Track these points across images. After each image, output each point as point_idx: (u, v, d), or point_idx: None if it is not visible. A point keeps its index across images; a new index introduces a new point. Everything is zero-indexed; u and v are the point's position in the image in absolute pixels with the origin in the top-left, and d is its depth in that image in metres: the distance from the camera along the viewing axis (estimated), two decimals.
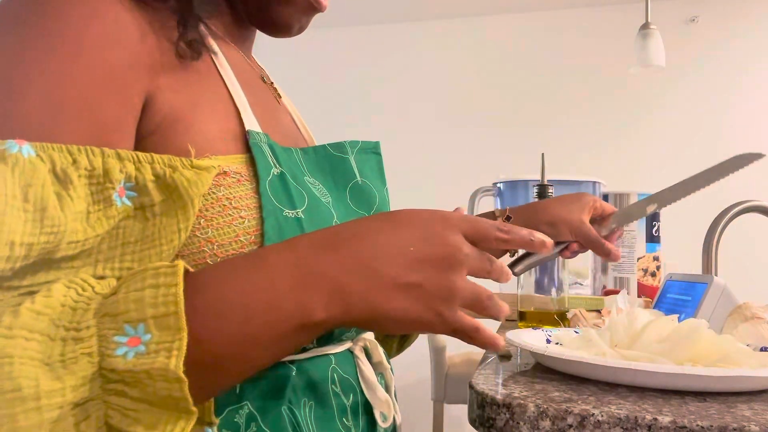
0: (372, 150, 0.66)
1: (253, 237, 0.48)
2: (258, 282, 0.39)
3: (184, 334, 0.34)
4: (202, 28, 0.55)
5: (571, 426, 0.41)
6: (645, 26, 2.10)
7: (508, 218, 0.82)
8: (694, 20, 3.14)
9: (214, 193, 0.47)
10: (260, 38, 0.69)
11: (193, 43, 0.49)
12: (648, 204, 0.79)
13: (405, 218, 0.42)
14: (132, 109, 0.45)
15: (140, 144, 0.46)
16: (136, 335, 0.34)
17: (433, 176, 3.33)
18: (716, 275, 0.97)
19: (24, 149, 0.37)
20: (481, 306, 0.42)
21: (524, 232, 0.44)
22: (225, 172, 0.48)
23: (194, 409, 0.34)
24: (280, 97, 0.69)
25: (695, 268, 1.18)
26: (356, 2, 3.26)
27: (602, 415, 0.40)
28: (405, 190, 3.18)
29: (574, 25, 3.29)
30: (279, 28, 0.63)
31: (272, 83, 0.68)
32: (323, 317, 0.39)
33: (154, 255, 0.42)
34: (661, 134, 3.15)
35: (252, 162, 0.50)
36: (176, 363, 0.34)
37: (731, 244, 1.65)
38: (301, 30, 0.65)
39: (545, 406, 0.42)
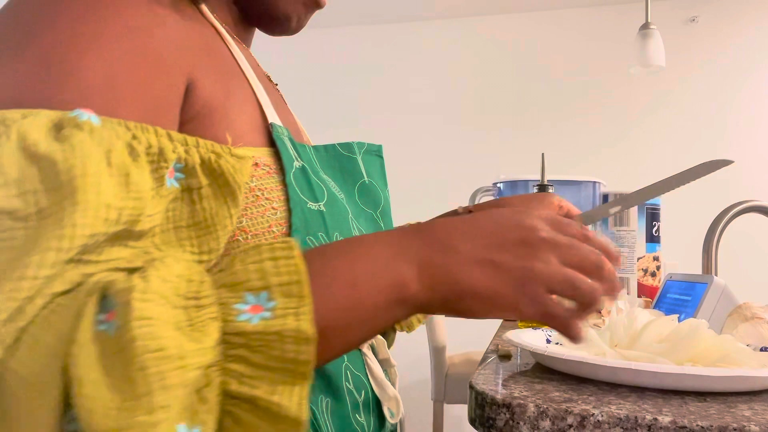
0: (376, 153, 0.67)
1: (284, 228, 0.49)
2: (359, 255, 0.41)
3: (310, 301, 0.35)
4: (216, 23, 0.55)
5: (571, 426, 0.41)
6: (645, 26, 2.10)
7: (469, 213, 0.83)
8: (694, 20, 3.14)
9: (247, 183, 0.48)
10: (261, 40, 0.69)
11: None
12: (612, 206, 0.81)
13: (484, 212, 0.44)
14: (177, 92, 0.45)
15: (178, 131, 0.46)
16: (257, 303, 0.35)
17: (434, 176, 3.33)
18: (716, 275, 0.97)
19: (92, 118, 0.37)
20: (575, 292, 0.41)
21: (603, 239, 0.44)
22: (256, 164, 0.49)
23: (311, 375, 0.35)
24: (282, 97, 0.69)
25: (695, 268, 1.18)
26: (356, 2, 3.26)
27: (602, 415, 0.40)
28: (405, 190, 3.19)
29: (574, 25, 3.29)
30: (278, 19, 0.63)
31: (276, 84, 0.69)
32: (415, 290, 0.40)
33: (212, 240, 0.42)
34: (660, 134, 3.15)
35: (276, 155, 0.51)
36: (307, 325, 0.34)
37: (731, 244, 1.65)
38: (299, 26, 0.65)
39: (545, 406, 0.42)
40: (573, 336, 0.41)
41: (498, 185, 1.48)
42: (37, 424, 0.29)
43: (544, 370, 0.55)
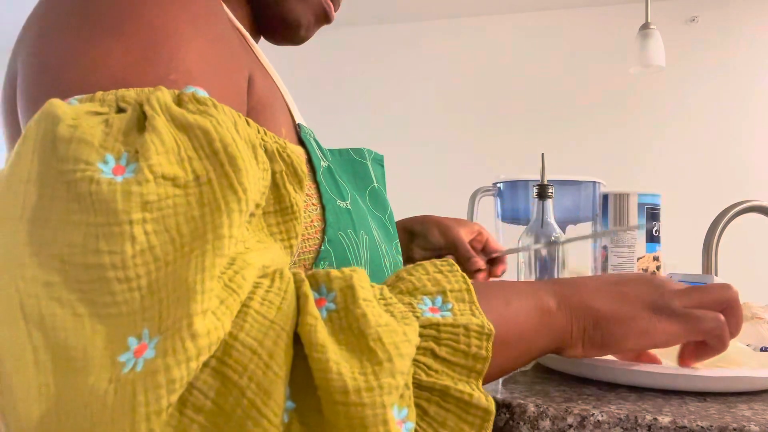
0: (379, 162, 0.68)
1: (322, 224, 0.50)
2: (506, 283, 0.44)
3: (479, 306, 0.38)
4: (239, 24, 0.55)
5: (571, 426, 0.41)
6: (645, 26, 2.10)
7: None
8: (694, 20, 3.14)
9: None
10: (261, 41, 0.69)
11: None
12: (534, 244, 0.87)
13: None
14: (246, 83, 0.46)
15: None
16: (434, 306, 0.38)
17: (434, 176, 3.33)
18: (716, 275, 0.97)
19: (205, 94, 0.37)
20: (707, 294, 0.44)
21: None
22: None
23: (483, 373, 0.36)
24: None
25: (695, 268, 1.18)
26: (356, 2, 3.26)
27: (602, 415, 0.40)
28: (405, 190, 3.18)
29: (574, 25, 3.29)
30: (288, 25, 0.63)
31: None
32: (558, 317, 0.43)
33: (297, 225, 0.43)
34: (660, 134, 3.15)
35: (306, 154, 0.52)
36: (487, 321, 0.37)
37: (731, 244, 1.65)
38: (306, 36, 0.66)
39: (545, 406, 0.42)
40: (723, 340, 0.43)
41: (498, 185, 1.47)
42: (271, 397, 0.29)
43: (544, 370, 0.55)
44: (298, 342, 0.32)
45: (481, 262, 0.82)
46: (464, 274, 0.40)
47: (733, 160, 3.06)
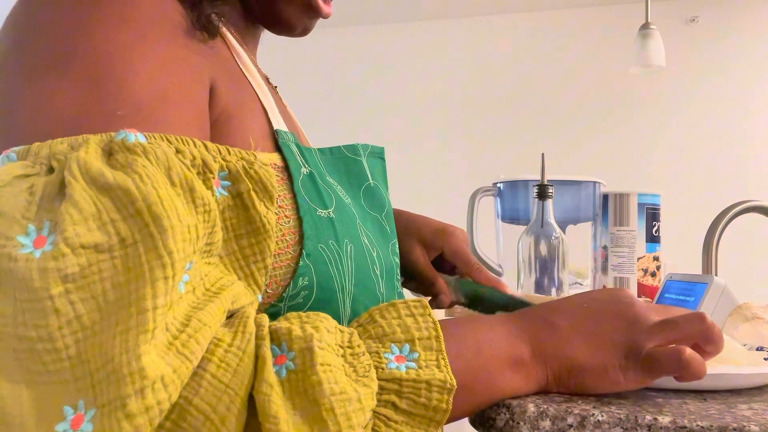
0: (378, 155, 0.66)
1: (297, 237, 0.47)
2: (481, 327, 0.45)
3: (446, 355, 0.40)
4: (221, 26, 0.54)
5: (571, 426, 0.41)
6: (645, 26, 2.10)
7: None
8: (694, 20, 3.14)
9: None
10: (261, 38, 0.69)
11: (210, 19, 0.47)
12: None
13: (578, 294, 0.49)
14: (207, 97, 0.45)
15: None
16: (401, 354, 0.40)
17: (434, 176, 3.33)
18: (716, 275, 0.97)
19: (140, 137, 0.36)
20: (677, 330, 0.43)
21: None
22: None
23: (443, 422, 0.38)
24: (281, 98, 0.69)
25: (695, 268, 1.18)
26: (356, 2, 3.26)
27: (602, 415, 0.40)
28: (405, 190, 3.18)
29: (574, 25, 3.29)
30: (282, 26, 0.63)
31: (275, 87, 0.68)
32: (530, 365, 0.44)
33: (271, 244, 0.43)
34: (660, 134, 3.15)
35: (283, 161, 0.50)
36: (451, 376, 0.39)
37: (731, 244, 1.65)
38: (305, 31, 0.65)
39: (545, 406, 0.42)
40: (696, 370, 0.41)
41: (498, 185, 1.47)
42: None
43: None
44: (254, 400, 0.34)
45: (443, 293, 0.74)
46: (435, 320, 0.41)
47: (733, 160, 3.06)
